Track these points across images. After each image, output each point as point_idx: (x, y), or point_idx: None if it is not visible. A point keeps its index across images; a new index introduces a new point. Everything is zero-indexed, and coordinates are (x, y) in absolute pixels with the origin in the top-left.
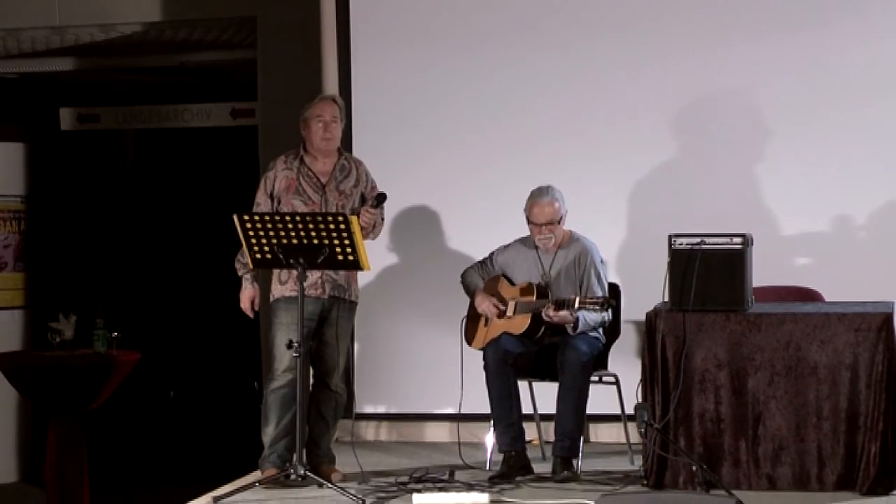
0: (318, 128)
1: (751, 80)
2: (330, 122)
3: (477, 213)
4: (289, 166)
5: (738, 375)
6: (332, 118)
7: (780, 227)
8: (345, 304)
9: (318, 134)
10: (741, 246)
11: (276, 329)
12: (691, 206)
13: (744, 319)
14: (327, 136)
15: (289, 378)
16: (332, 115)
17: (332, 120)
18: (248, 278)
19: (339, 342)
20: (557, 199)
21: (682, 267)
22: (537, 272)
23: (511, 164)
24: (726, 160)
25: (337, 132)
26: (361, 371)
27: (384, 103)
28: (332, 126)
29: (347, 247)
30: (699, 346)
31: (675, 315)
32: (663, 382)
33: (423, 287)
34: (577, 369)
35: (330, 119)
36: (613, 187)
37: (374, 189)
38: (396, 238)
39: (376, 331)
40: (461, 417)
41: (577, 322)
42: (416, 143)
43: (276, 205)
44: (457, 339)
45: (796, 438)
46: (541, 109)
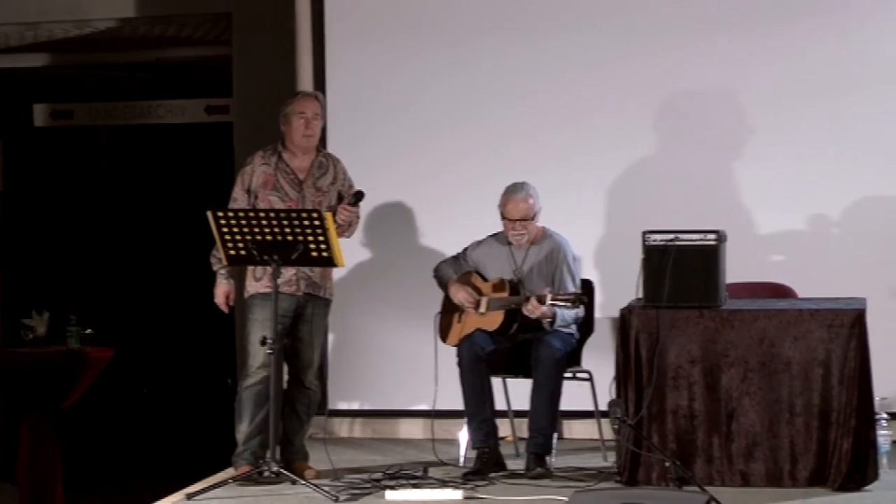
0: (300, 124)
1: (724, 77)
2: (311, 118)
3: (452, 210)
4: (266, 162)
5: (711, 372)
6: (314, 115)
7: (754, 223)
8: (319, 302)
9: (300, 130)
10: (715, 242)
11: (251, 326)
12: (665, 203)
13: (717, 316)
14: (308, 133)
15: (263, 375)
16: (314, 112)
17: (313, 117)
18: (222, 273)
19: (314, 339)
20: (532, 195)
21: (656, 263)
22: (510, 268)
23: (486, 161)
24: (700, 157)
25: (318, 129)
26: (335, 368)
27: (359, 99)
28: (313, 123)
29: (322, 243)
30: (673, 343)
31: (649, 311)
32: (637, 379)
33: (397, 283)
34: (551, 366)
35: (312, 116)
36: (588, 184)
37: (351, 187)
38: (371, 234)
39: (350, 327)
40: (435, 414)
41: (554, 318)
42: (392, 140)
43: (252, 200)
44: (431, 335)
45: (769, 435)
46: (516, 106)
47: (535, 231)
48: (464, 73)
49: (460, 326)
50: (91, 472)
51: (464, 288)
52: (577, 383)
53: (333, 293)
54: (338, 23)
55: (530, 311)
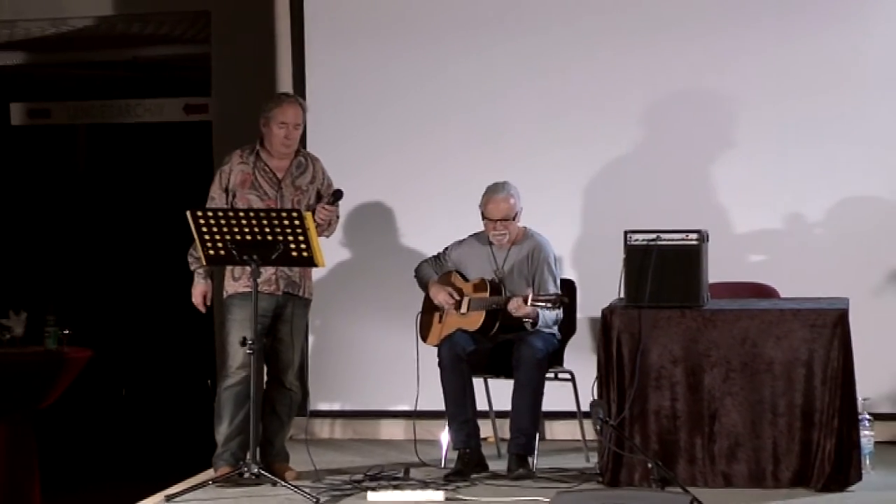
0: (280, 133)
1: (705, 75)
2: (293, 128)
3: (432, 209)
4: (245, 161)
5: (693, 372)
6: (296, 125)
7: (736, 223)
8: (299, 301)
9: (279, 139)
10: (697, 242)
11: (230, 326)
12: (647, 203)
13: (699, 316)
14: (288, 143)
15: (242, 375)
16: (296, 122)
17: (294, 126)
18: (200, 273)
19: (294, 339)
20: (513, 195)
21: (638, 263)
22: (490, 268)
23: (467, 161)
24: (682, 156)
25: (298, 136)
26: (316, 368)
27: (339, 98)
28: (293, 133)
29: (302, 243)
30: (655, 343)
31: (631, 311)
32: (619, 379)
33: (378, 283)
34: (533, 366)
35: (293, 126)
36: (569, 183)
37: (330, 186)
38: (351, 234)
39: (331, 327)
40: (416, 415)
41: (537, 318)
42: (372, 139)
43: (230, 199)
44: (412, 335)
45: (752, 435)
46: (497, 105)
47: (516, 231)
48: (445, 71)
49: (441, 326)
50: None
51: (444, 288)
52: (559, 384)
53: (313, 293)
54: (318, 21)
55: (515, 309)
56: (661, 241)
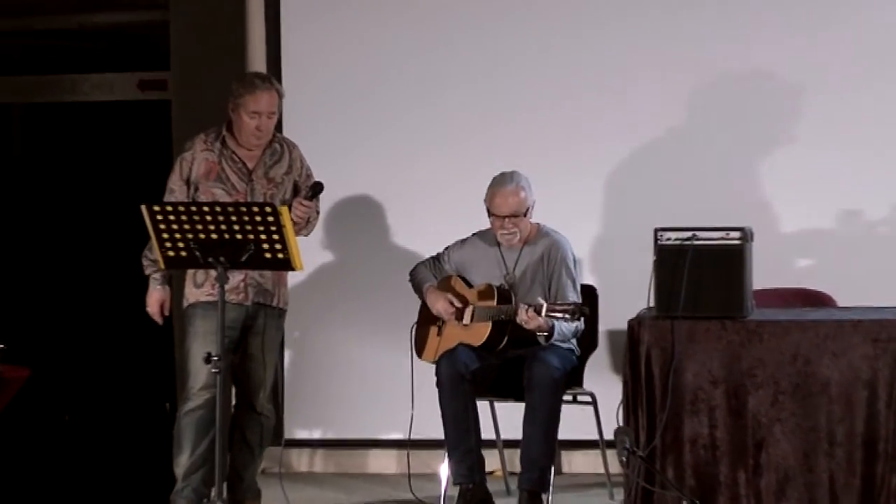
0: (251, 123)
1: (749, 54)
2: (266, 118)
3: (426, 205)
4: (209, 147)
5: (736, 394)
6: (270, 113)
7: (784, 220)
8: (272, 312)
9: (249, 129)
10: (740, 242)
11: (192, 340)
12: (679, 198)
13: (743, 328)
14: (259, 134)
15: (206, 398)
16: (270, 111)
17: (268, 115)
18: (156, 278)
19: (266, 356)
20: (523, 187)
21: (671, 266)
22: (499, 272)
23: (467, 149)
24: (721, 145)
25: (271, 127)
26: (292, 390)
27: (319, 75)
28: (267, 123)
29: (276, 243)
30: (690, 360)
31: (662, 323)
32: (648, 402)
33: (364, 290)
34: (547, 387)
35: (267, 115)
36: (588, 174)
37: (309, 177)
38: (334, 233)
39: (309, 342)
40: (411, 444)
41: (552, 330)
42: (358, 124)
43: (192, 193)
44: (405, 350)
45: (804, 468)
46: (502, 87)
47: (527, 229)
48: (442, 47)
49: (440, 340)
50: None
51: (444, 295)
52: (577, 408)
53: (288, 302)
54: None
55: (526, 321)
56: (698, 240)
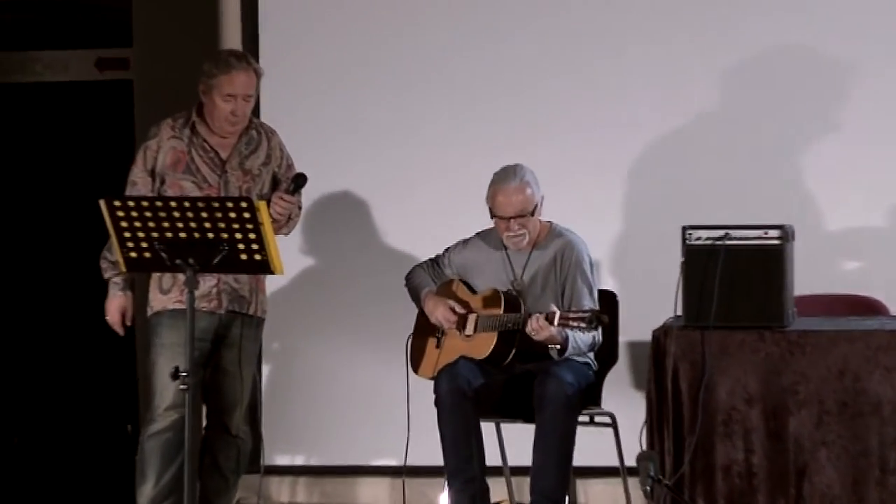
0: (225, 107)
1: (790, 32)
2: (242, 101)
3: (423, 200)
4: (177, 135)
5: (775, 414)
6: (246, 96)
7: (829, 217)
8: (248, 321)
9: (223, 114)
10: (779, 241)
11: (157, 353)
12: (710, 192)
13: (783, 339)
14: (235, 119)
15: (173, 419)
16: (247, 93)
17: (245, 98)
18: (117, 282)
19: (242, 370)
20: (529, 182)
21: (700, 269)
22: (506, 277)
23: (469, 138)
24: (757, 133)
25: (248, 111)
26: (271, 409)
27: (302, 57)
28: (243, 107)
29: (253, 243)
30: (723, 375)
31: (691, 333)
32: (675, 424)
33: (353, 296)
34: (560, 406)
35: (243, 97)
36: (608, 167)
37: (290, 168)
38: (317, 232)
39: (291, 355)
40: (406, 471)
41: (566, 342)
42: (344, 110)
43: (158, 186)
44: (400, 365)
45: (853, 498)
46: (508, 68)
47: (537, 228)
48: (442, 20)
49: (439, 353)
50: None
51: (444, 301)
52: (595, 430)
53: (267, 310)
54: None
55: (535, 331)
56: (732, 239)
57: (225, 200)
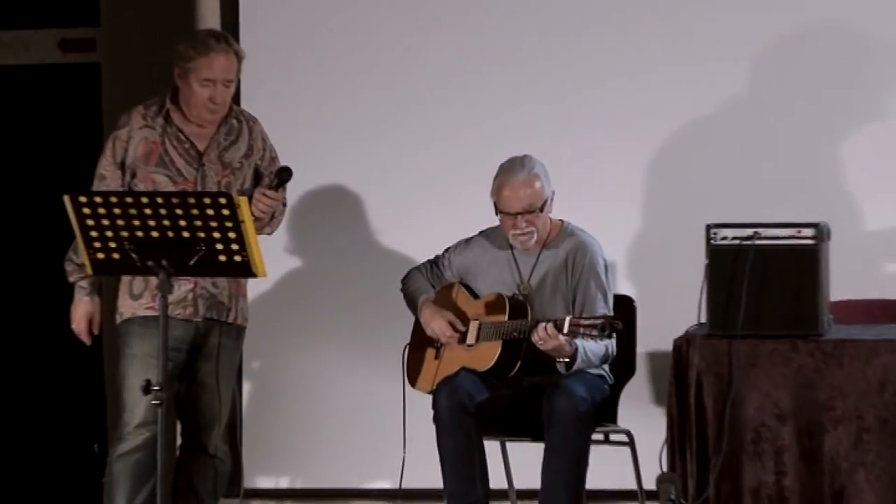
0: (203, 93)
1: (826, 7)
2: (222, 87)
3: (421, 196)
4: (150, 124)
5: (809, 432)
6: (227, 81)
7: (868, 215)
8: (228, 329)
9: (201, 101)
10: (813, 241)
11: (127, 364)
12: (737, 187)
13: (817, 349)
14: (214, 107)
15: (145, 437)
16: (227, 78)
17: (225, 84)
18: (83, 287)
19: (220, 384)
20: (539, 174)
21: (727, 272)
22: (512, 280)
23: (470, 128)
24: (787, 122)
25: (228, 98)
26: (253, 427)
27: (287, 38)
28: (223, 93)
29: (233, 243)
30: (752, 389)
31: (717, 343)
32: (699, 443)
33: (343, 302)
34: (572, 423)
35: (223, 82)
36: (624, 161)
37: (273, 161)
38: (303, 231)
39: (274, 367)
40: (402, 495)
41: (576, 354)
42: (333, 97)
43: (128, 180)
44: (395, 378)
45: None
46: (512, 52)
47: (547, 227)
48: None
49: (438, 364)
50: None
51: (442, 313)
52: (610, 449)
53: (248, 317)
54: None
55: (542, 340)
56: (761, 238)
57: (202, 196)
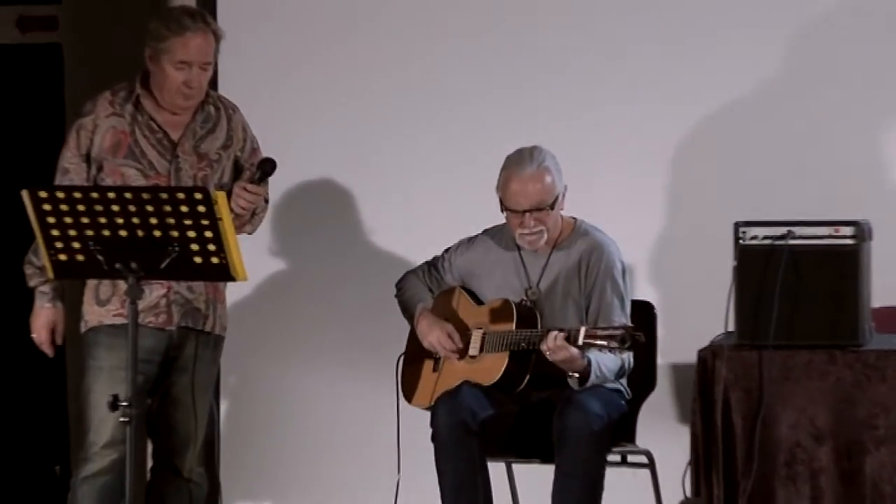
0: (177, 76)
1: None
2: (199, 70)
3: (417, 192)
4: (118, 111)
5: (848, 452)
6: (203, 64)
7: None
8: (205, 339)
9: (175, 86)
10: (854, 240)
11: (93, 378)
12: (768, 182)
13: (857, 361)
14: (189, 92)
15: (113, 458)
16: (204, 60)
17: (202, 67)
18: (44, 292)
19: (196, 400)
20: (549, 168)
21: (757, 275)
22: (519, 284)
23: (470, 117)
24: (823, 112)
25: (205, 83)
26: (231, 447)
27: (269, 20)
28: (199, 77)
29: (210, 243)
30: (786, 405)
31: (746, 354)
32: (727, 464)
33: (330, 309)
34: (586, 443)
35: (200, 65)
36: (644, 154)
37: (255, 152)
38: (288, 231)
39: (256, 382)
40: None
41: (589, 367)
42: (322, 82)
43: (94, 173)
44: (389, 393)
45: None
46: (519, 32)
47: (558, 226)
48: None
49: (437, 377)
50: None
51: (440, 324)
52: (629, 472)
53: (227, 326)
54: None
55: (551, 351)
56: (796, 238)
57: (175, 191)
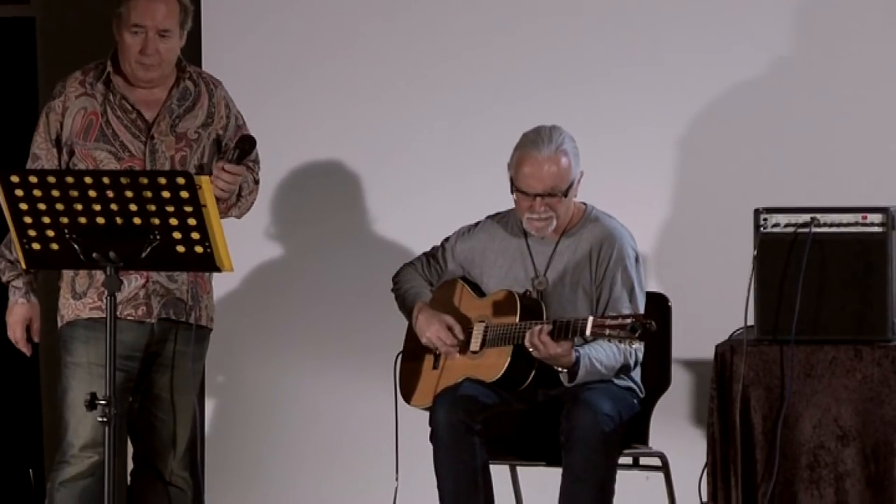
0: (133, 43)
1: None
2: (155, 37)
3: (417, 176)
4: (88, 91)
5: (875, 455)
6: (161, 31)
7: None
8: (188, 333)
9: (131, 54)
10: (882, 228)
11: (70, 375)
12: (791, 166)
13: (885, 357)
14: (145, 62)
15: (91, 461)
16: (161, 27)
17: (159, 33)
18: (18, 286)
19: (179, 399)
20: (567, 151)
21: (780, 266)
22: (525, 274)
23: (476, 96)
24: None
25: (168, 53)
26: (218, 449)
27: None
28: (157, 44)
29: (194, 231)
30: (809, 404)
31: (767, 350)
32: (746, 467)
33: (324, 302)
34: (595, 444)
35: (156, 31)
36: (658, 137)
37: (240, 130)
38: (277, 218)
39: (243, 380)
40: None
41: (577, 362)
42: (315, 57)
43: (66, 159)
44: (386, 391)
45: None
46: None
47: (568, 212)
48: None
49: (437, 375)
50: None
51: (440, 318)
52: (641, 475)
53: (214, 318)
54: None
55: (533, 347)
56: (821, 226)
57: (156, 175)
